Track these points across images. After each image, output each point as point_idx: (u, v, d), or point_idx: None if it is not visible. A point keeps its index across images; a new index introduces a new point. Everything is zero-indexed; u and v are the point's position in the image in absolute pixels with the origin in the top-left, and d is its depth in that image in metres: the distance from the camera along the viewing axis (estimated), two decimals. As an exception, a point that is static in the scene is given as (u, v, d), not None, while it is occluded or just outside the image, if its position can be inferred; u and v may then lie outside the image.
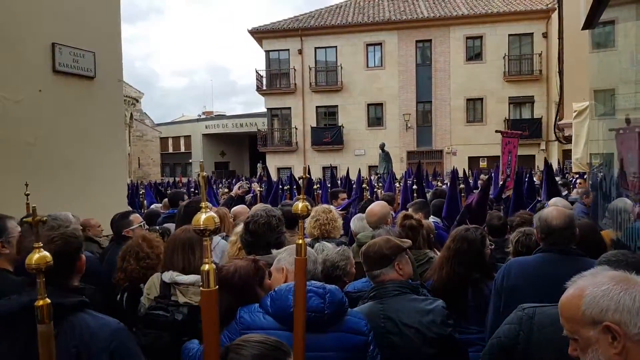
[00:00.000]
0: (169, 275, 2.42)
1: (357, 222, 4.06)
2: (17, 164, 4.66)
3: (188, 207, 3.76)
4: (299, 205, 1.53)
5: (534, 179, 8.58)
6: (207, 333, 1.30)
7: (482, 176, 11.74)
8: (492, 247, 3.14)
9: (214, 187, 13.38)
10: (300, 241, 1.55)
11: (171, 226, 4.11)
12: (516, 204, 5.55)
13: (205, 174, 1.41)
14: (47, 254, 1.24)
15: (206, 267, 1.28)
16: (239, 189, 5.71)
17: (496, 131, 10.25)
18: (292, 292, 1.80)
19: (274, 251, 2.46)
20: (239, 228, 3.03)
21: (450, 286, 2.74)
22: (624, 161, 3.90)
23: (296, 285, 1.56)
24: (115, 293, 2.89)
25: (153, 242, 2.93)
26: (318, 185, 9.44)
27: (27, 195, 3.90)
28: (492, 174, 10.31)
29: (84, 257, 1.88)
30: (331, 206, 4.12)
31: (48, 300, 1.21)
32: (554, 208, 2.77)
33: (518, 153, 8.54)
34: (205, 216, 1.27)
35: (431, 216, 4.95)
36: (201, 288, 1.30)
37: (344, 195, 6.60)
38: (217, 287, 1.31)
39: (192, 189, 10.36)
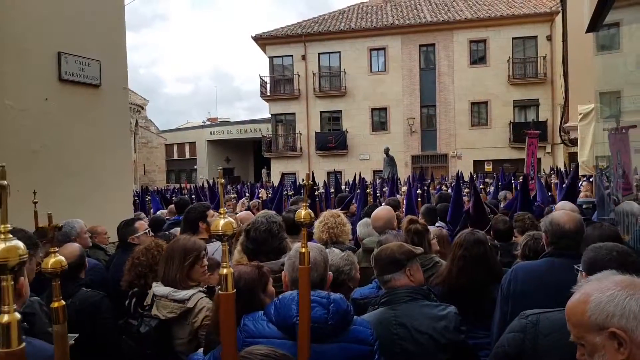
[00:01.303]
0: (153, 286, 2.42)
1: (363, 227, 4.05)
2: (23, 172, 4.69)
3: (189, 213, 3.77)
4: (302, 212, 1.51)
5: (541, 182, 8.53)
6: (225, 337, 1.29)
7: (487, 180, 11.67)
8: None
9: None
10: (304, 250, 1.51)
11: (177, 232, 4.12)
12: (522, 208, 5.51)
13: (223, 180, 1.41)
14: (62, 258, 1.25)
15: (224, 271, 1.28)
16: (241, 206, 5.78)
17: (522, 132, 10.11)
18: (296, 301, 1.77)
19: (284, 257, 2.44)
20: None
21: (463, 291, 2.71)
22: (614, 162, 3.91)
23: (300, 296, 1.51)
24: (123, 299, 2.90)
25: (160, 249, 2.93)
26: (323, 191, 9.35)
27: (35, 203, 3.90)
28: (499, 178, 10.25)
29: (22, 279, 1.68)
30: (339, 211, 4.12)
31: (63, 302, 1.23)
32: (564, 212, 2.72)
33: (525, 156, 8.51)
34: (224, 221, 1.28)
35: (438, 221, 4.94)
36: (219, 291, 1.31)
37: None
38: (235, 291, 1.30)
39: (193, 195, 10.26)
